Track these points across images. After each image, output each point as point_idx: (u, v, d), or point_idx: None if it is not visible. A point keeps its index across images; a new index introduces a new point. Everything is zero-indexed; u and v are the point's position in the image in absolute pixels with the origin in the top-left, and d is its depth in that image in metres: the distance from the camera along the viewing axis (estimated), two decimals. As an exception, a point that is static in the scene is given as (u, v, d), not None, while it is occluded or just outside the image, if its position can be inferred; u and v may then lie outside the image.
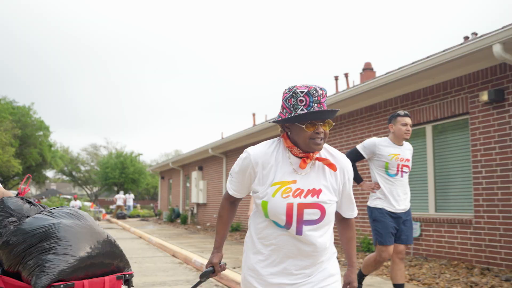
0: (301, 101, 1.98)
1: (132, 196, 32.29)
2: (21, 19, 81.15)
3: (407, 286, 5.78)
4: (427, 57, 7.49)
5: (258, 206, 2.12)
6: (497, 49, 6.23)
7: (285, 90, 2.06)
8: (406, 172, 4.70)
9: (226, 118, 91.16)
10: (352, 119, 10.21)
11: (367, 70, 16.30)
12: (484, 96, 6.93)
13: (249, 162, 2.11)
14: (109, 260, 2.46)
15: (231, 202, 2.34)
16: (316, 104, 1.98)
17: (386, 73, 8.50)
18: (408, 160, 4.72)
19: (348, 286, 2.25)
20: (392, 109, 9.03)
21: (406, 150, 4.76)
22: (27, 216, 2.48)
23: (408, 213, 4.76)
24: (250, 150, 2.13)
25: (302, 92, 1.98)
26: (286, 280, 2.08)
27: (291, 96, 2.01)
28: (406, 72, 7.86)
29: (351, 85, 16.17)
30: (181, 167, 24.44)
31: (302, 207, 2.03)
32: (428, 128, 8.31)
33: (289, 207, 2.02)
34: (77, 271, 2.28)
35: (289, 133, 2.11)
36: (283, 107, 2.06)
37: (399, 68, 8.13)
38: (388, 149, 4.67)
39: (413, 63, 7.81)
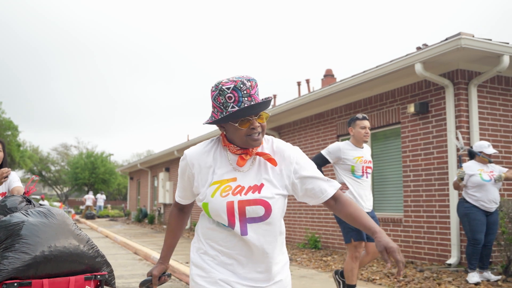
0: (230, 98, 1.83)
1: (103, 196, 32.55)
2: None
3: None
4: (364, 71, 8.28)
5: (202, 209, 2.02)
6: (418, 67, 7.05)
7: (212, 87, 1.91)
8: (369, 173, 4.89)
9: (196, 119, 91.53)
10: (304, 125, 10.98)
11: (328, 76, 17.12)
12: (411, 108, 7.75)
13: (186, 164, 1.99)
14: (78, 260, 2.41)
15: (179, 209, 2.21)
16: (246, 98, 1.83)
17: (330, 85, 9.29)
18: (370, 161, 4.92)
19: (386, 251, 1.79)
20: (338, 117, 9.81)
21: (367, 152, 4.95)
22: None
23: (371, 213, 5.00)
24: (186, 151, 2.01)
25: (228, 88, 1.83)
26: (234, 278, 1.94)
27: (218, 94, 1.86)
28: (347, 84, 8.64)
29: (311, 90, 16.96)
30: (149, 168, 24.89)
31: (243, 204, 1.89)
32: (368, 135, 9.11)
33: (230, 206, 1.88)
34: (34, 270, 2.27)
35: (225, 132, 1.98)
36: (213, 107, 1.92)
37: (341, 81, 8.91)
38: (352, 152, 4.82)
39: (352, 76, 8.60)
